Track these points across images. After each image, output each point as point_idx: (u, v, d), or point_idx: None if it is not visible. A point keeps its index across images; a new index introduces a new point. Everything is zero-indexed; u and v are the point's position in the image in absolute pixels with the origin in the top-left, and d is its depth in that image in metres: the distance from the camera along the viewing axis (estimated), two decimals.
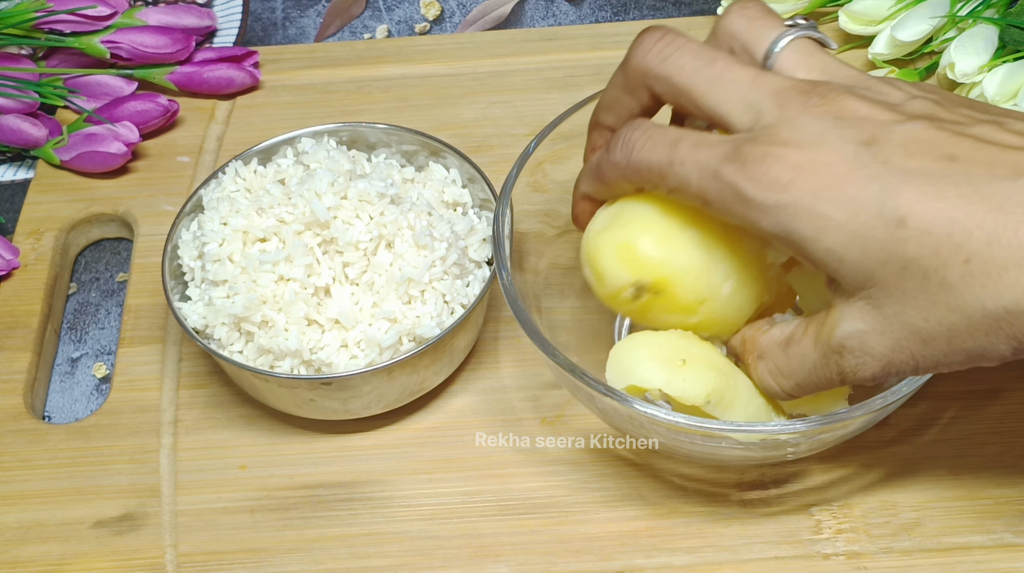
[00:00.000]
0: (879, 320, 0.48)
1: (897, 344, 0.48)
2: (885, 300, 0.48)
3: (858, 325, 0.49)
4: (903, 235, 0.46)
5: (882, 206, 0.46)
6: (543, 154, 0.64)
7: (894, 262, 0.46)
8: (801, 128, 0.49)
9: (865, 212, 0.47)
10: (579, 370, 0.56)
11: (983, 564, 0.59)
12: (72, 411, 0.69)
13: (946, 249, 0.45)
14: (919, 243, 0.46)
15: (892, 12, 0.78)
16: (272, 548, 0.61)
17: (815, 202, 0.47)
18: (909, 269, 0.46)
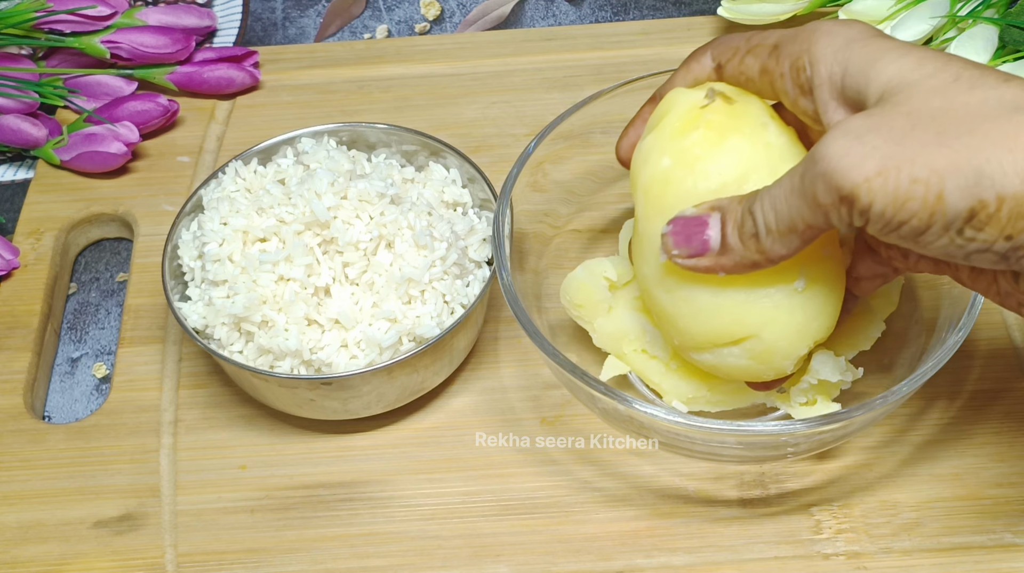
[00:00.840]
0: (876, 110, 0.47)
1: (882, 123, 0.46)
2: (898, 95, 0.47)
3: (855, 115, 0.47)
4: (948, 57, 0.47)
5: (930, 49, 0.48)
6: (543, 154, 0.64)
7: (931, 64, 0.47)
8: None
9: (915, 47, 0.48)
10: (579, 370, 0.56)
11: (983, 564, 0.59)
12: (72, 411, 0.69)
13: (989, 71, 0.46)
14: (962, 63, 0.47)
15: (892, 12, 0.78)
16: (272, 548, 0.61)
17: (873, 36, 0.50)
18: (943, 71, 0.47)
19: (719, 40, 0.56)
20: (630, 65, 0.81)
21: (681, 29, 0.83)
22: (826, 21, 0.52)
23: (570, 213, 0.67)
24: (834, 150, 0.46)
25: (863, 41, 0.49)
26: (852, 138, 0.46)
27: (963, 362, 0.65)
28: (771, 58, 0.53)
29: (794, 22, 0.82)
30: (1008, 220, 0.44)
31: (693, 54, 0.57)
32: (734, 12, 0.80)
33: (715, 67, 0.56)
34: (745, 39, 0.55)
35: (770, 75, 0.53)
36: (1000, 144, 0.44)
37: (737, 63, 0.54)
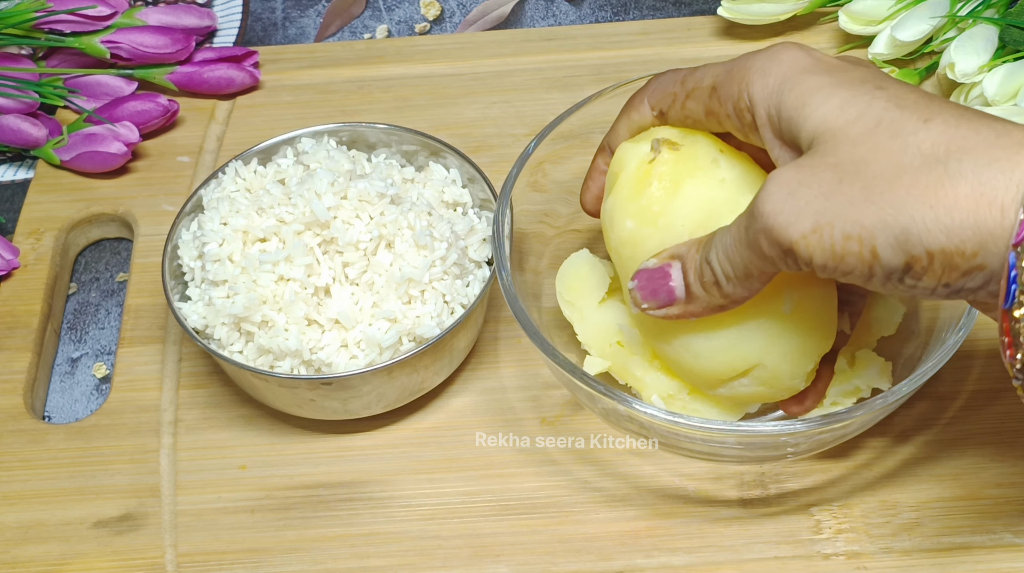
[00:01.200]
0: (808, 158, 0.48)
1: (812, 177, 0.47)
2: (825, 146, 0.48)
3: (787, 168, 0.48)
4: (878, 95, 0.48)
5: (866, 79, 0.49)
6: (543, 154, 0.64)
7: (854, 109, 0.48)
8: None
9: (848, 80, 0.49)
10: (579, 370, 0.56)
11: (983, 564, 0.59)
12: (72, 411, 0.69)
13: (913, 108, 0.47)
14: (888, 101, 0.48)
15: (892, 12, 0.78)
16: (272, 548, 0.61)
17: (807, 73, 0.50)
18: (865, 115, 0.47)
19: (652, 86, 0.57)
20: (630, 65, 0.81)
21: (681, 29, 0.83)
22: (759, 55, 0.52)
23: (570, 213, 0.67)
24: (770, 207, 0.48)
25: (792, 81, 0.50)
26: (785, 193, 0.47)
27: (963, 362, 0.65)
28: (712, 100, 0.54)
29: (794, 22, 0.82)
30: (942, 271, 0.46)
31: (631, 102, 0.58)
32: (734, 12, 0.80)
33: (657, 114, 0.57)
34: (679, 82, 0.56)
35: (716, 116, 0.54)
36: (921, 200, 0.45)
37: (679, 109, 0.56)
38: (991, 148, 0.45)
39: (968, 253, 0.45)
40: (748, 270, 0.50)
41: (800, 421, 0.54)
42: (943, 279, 0.46)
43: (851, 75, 0.50)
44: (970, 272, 0.45)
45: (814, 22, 0.83)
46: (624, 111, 0.59)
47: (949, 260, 0.45)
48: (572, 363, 0.56)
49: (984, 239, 0.45)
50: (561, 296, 0.62)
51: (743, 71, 0.52)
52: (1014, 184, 0.44)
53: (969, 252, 0.45)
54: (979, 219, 0.44)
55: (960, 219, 0.45)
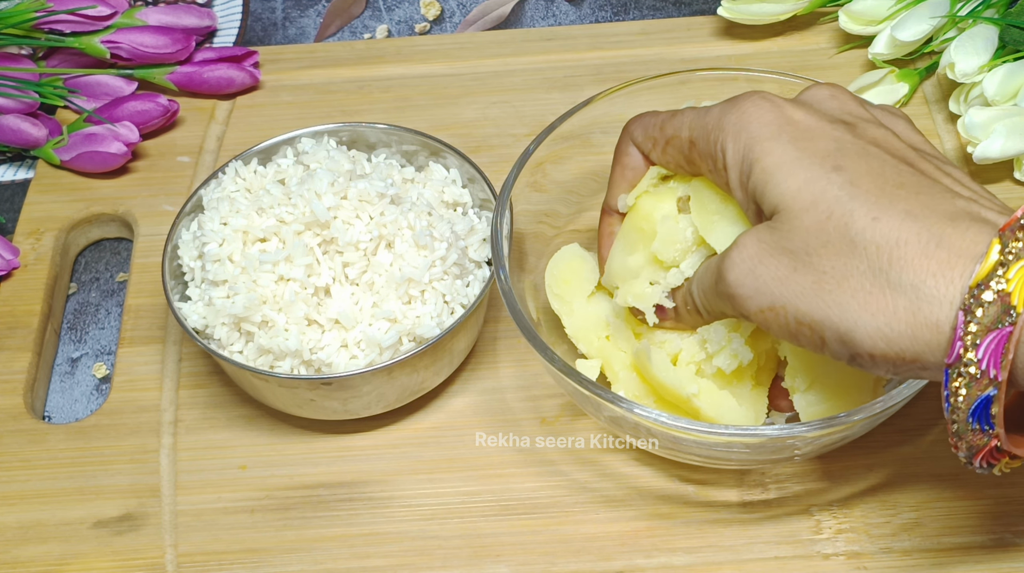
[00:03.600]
0: (770, 233, 0.50)
1: (768, 258, 0.50)
2: (785, 224, 0.50)
3: (750, 234, 0.51)
4: (833, 178, 0.49)
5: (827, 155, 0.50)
6: (543, 154, 0.64)
7: (808, 194, 0.49)
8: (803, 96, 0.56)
9: (811, 154, 0.50)
10: (575, 373, 0.56)
11: (983, 564, 0.59)
12: (72, 411, 0.69)
13: (863, 201, 0.48)
14: (842, 188, 0.49)
15: (892, 12, 0.78)
16: (272, 548, 0.61)
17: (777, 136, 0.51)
18: (818, 205, 0.49)
19: (633, 129, 0.58)
20: (630, 65, 0.81)
21: (681, 29, 0.83)
22: (730, 113, 0.53)
23: (570, 213, 0.67)
24: (732, 278, 0.51)
25: (759, 150, 0.51)
26: (747, 269, 0.51)
27: None
28: (692, 153, 0.55)
29: (794, 22, 0.82)
30: (888, 366, 0.48)
31: (618, 155, 0.59)
32: (734, 12, 0.80)
33: (644, 155, 0.59)
34: (659, 127, 0.57)
35: (697, 167, 0.56)
36: (864, 307, 0.47)
37: (660, 154, 0.57)
38: (928, 261, 0.46)
39: (908, 358, 0.47)
40: (720, 313, 0.55)
41: (803, 425, 0.54)
42: (890, 372, 0.48)
43: (815, 146, 0.51)
44: (914, 370, 0.48)
45: (814, 22, 0.83)
46: (616, 165, 0.60)
47: (891, 361, 0.48)
48: (569, 366, 0.56)
49: (921, 350, 0.47)
50: (550, 289, 0.62)
51: (717, 131, 0.53)
52: (947, 302, 0.46)
53: (909, 358, 0.47)
54: (916, 333, 0.46)
55: (899, 330, 0.46)
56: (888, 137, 0.52)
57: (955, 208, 0.48)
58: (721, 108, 0.53)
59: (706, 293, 0.55)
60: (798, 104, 0.53)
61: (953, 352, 0.45)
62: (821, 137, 0.51)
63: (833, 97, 0.54)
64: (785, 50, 0.81)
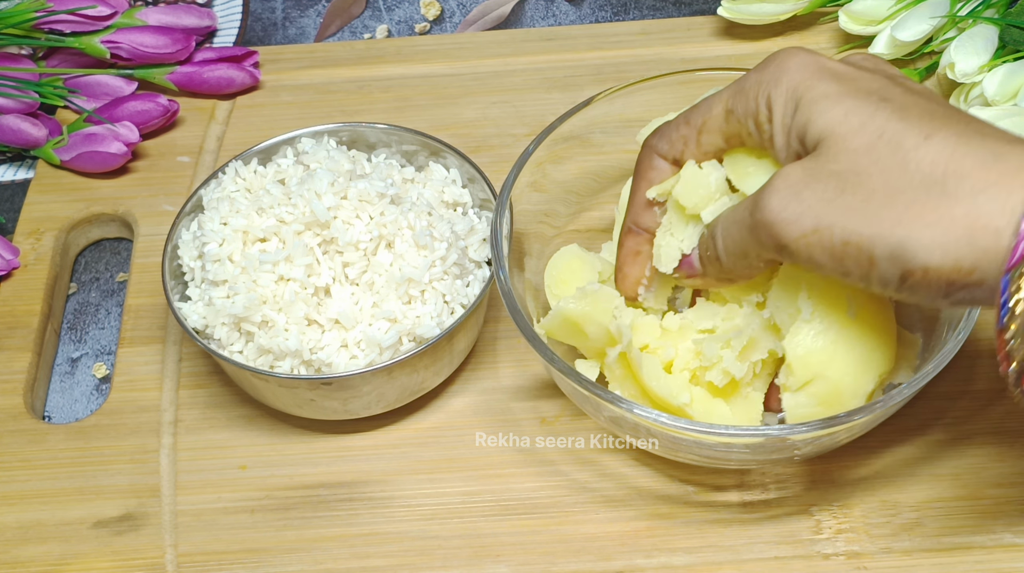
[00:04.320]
0: (812, 160, 0.49)
1: (815, 182, 0.49)
2: (831, 150, 0.49)
3: (791, 166, 0.50)
4: (884, 106, 0.49)
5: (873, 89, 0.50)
6: (543, 154, 0.64)
7: (856, 118, 0.49)
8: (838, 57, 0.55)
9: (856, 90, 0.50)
10: (576, 373, 0.56)
11: (983, 564, 0.59)
12: (72, 411, 0.69)
13: (916, 121, 0.48)
14: (892, 113, 0.48)
15: (892, 12, 0.78)
16: (272, 548, 0.61)
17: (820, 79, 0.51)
18: (867, 126, 0.48)
19: (655, 143, 0.57)
20: (630, 65, 0.81)
21: (681, 29, 0.83)
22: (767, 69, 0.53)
23: (570, 213, 0.67)
24: (775, 203, 0.50)
25: (804, 86, 0.51)
26: (790, 193, 0.49)
27: (963, 362, 0.65)
28: (730, 124, 0.55)
29: (794, 22, 0.82)
30: (938, 285, 0.47)
31: (640, 169, 0.58)
32: (734, 12, 0.80)
33: (671, 163, 0.57)
34: (684, 124, 0.56)
35: (737, 137, 0.55)
36: (919, 218, 0.46)
37: (695, 148, 0.56)
38: (988, 172, 0.46)
39: (965, 269, 0.46)
40: (744, 251, 0.53)
41: (803, 425, 0.54)
42: (941, 291, 0.47)
43: (858, 85, 0.50)
44: (968, 286, 0.46)
45: (814, 22, 0.83)
46: (638, 178, 0.59)
47: (946, 275, 0.46)
48: (569, 366, 0.56)
49: (980, 258, 0.46)
50: (549, 290, 0.62)
51: (757, 85, 0.53)
52: (1008, 210, 0.45)
53: (966, 268, 0.46)
54: (975, 239, 0.45)
55: (956, 237, 0.46)
56: (929, 90, 0.52)
57: (1008, 136, 0.47)
58: (756, 69, 0.53)
59: (734, 229, 0.53)
60: (835, 61, 0.53)
61: (1016, 254, 0.44)
62: (863, 79, 0.51)
63: (867, 59, 0.54)
64: None
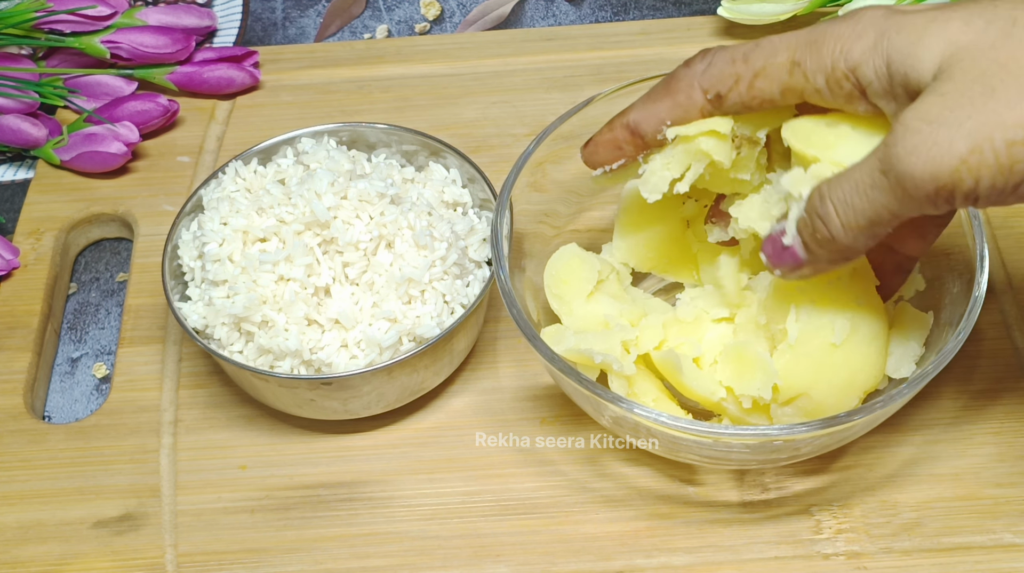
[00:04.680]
0: (943, 84, 0.45)
1: (960, 103, 0.44)
2: (962, 73, 0.45)
3: (920, 100, 0.46)
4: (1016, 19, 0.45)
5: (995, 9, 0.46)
6: (543, 154, 0.64)
7: (994, 28, 0.45)
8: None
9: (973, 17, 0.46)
10: (576, 373, 0.56)
11: (983, 564, 0.59)
12: (72, 411, 0.69)
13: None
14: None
15: None
16: (272, 548, 0.61)
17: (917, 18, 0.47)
18: (1016, 30, 0.45)
19: (704, 65, 0.53)
20: (630, 65, 0.81)
21: (681, 29, 0.83)
22: (842, 24, 0.49)
23: (570, 213, 0.67)
24: (914, 143, 0.45)
25: (896, 27, 0.47)
26: (929, 126, 0.45)
27: (963, 362, 0.65)
28: (794, 77, 0.50)
29: (794, 22, 0.82)
30: None
31: (673, 83, 0.54)
32: (734, 12, 0.80)
33: (711, 98, 0.53)
34: (741, 61, 0.52)
35: (799, 93, 0.51)
36: None
37: (745, 90, 0.52)
38: None
39: None
40: (878, 217, 0.48)
41: (803, 425, 0.54)
42: None
43: (946, 6, 0.47)
44: None
45: (814, 22, 0.82)
46: (666, 91, 0.54)
47: None
48: (569, 366, 0.56)
49: None
50: (550, 289, 0.62)
51: (832, 39, 0.49)
52: None
53: None
54: None
55: None
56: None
57: None
58: (821, 26, 0.49)
59: (858, 198, 0.47)
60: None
61: None
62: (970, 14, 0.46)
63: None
64: None
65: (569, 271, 0.62)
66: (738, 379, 0.57)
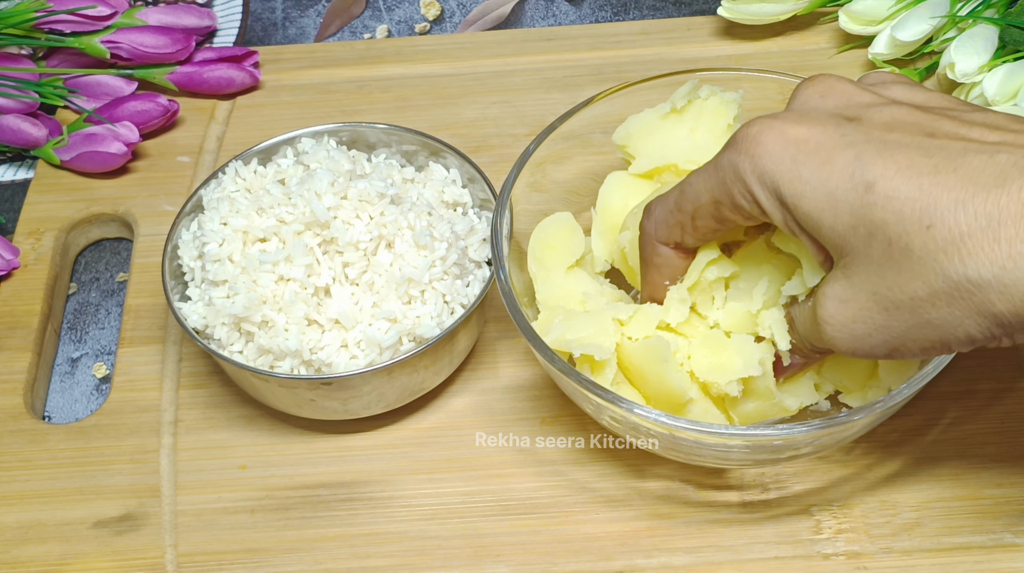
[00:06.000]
0: (846, 288, 0.49)
1: (860, 313, 0.49)
2: (854, 268, 0.48)
3: (829, 293, 0.50)
4: (871, 200, 0.47)
5: (853, 171, 0.47)
6: (543, 154, 0.64)
7: (863, 227, 0.47)
8: (795, 103, 0.52)
9: (838, 177, 0.48)
10: (576, 373, 0.56)
11: (983, 564, 0.59)
12: (72, 411, 0.69)
13: (910, 214, 0.46)
14: (885, 208, 0.46)
15: (892, 12, 0.78)
16: (272, 548, 0.61)
17: (795, 166, 0.49)
18: (875, 235, 0.47)
19: (653, 227, 0.56)
20: (630, 65, 0.81)
21: (681, 29, 0.83)
22: (740, 153, 0.50)
23: (570, 213, 0.67)
24: (840, 337, 0.50)
25: (791, 190, 0.49)
26: (847, 329, 0.49)
27: (963, 362, 0.65)
28: (722, 212, 0.52)
29: (794, 22, 0.82)
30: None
31: (645, 256, 0.57)
32: (734, 12, 0.80)
33: (675, 247, 0.56)
34: (678, 211, 0.54)
35: (732, 222, 0.53)
36: (966, 316, 0.46)
37: (693, 232, 0.55)
38: (997, 244, 0.45)
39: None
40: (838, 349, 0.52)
41: (803, 425, 0.54)
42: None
43: (834, 166, 0.48)
44: None
45: (814, 22, 0.83)
46: (645, 265, 0.57)
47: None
48: (569, 366, 0.56)
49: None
50: (533, 252, 0.62)
51: (737, 182, 0.51)
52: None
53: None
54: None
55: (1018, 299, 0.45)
56: (896, 113, 0.50)
57: (997, 168, 0.46)
58: (727, 157, 0.51)
59: (819, 339, 0.52)
60: (794, 116, 0.50)
61: None
62: (833, 148, 0.48)
63: (823, 95, 0.52)
64: (785, 50, 0.81)
65: (559, 239, 0.62)
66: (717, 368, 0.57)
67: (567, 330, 0.57)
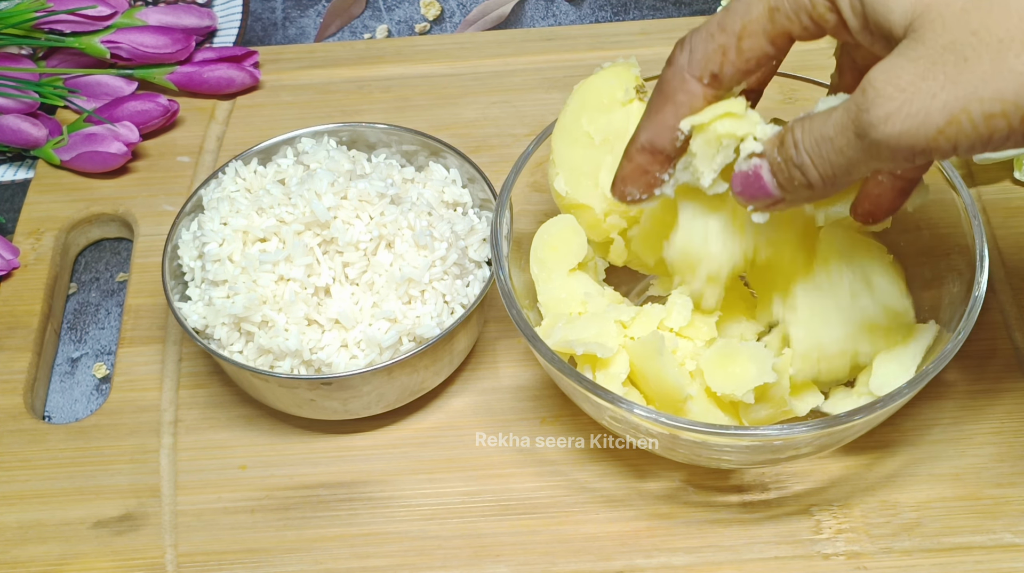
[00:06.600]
0: (911, 49, 0.45)
1: (929, 69, 0.44)
2: (926, 28, 0.44)
3: (885, 66, 0.45)
4: None
5: None
6: (543, 154, 0.64)
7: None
8: None
9: None
10: (576, 373, 0.56)
11: (983, 564, 0.59)
12: (72, 411, 0.69)
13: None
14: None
15: None
16: (272, 548, 0.61)
17: None
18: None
19: (686, 55, 0.52)
20: None
21: (681, 29, 0.83)
22: None
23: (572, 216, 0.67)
24: (887, 111, 0.44)
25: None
26: (902, 94, 0.44)
27: (963, 362, 0.65)
28: (776, 23, 0.49)
29: None
30: None
31: (666, 87, 0.53)
32: None
33: (708, 82, 0.52)
34: (719, 32, 0.50)
35: (787, 35, 0.50)
36: None
37: (735, 58, 0.51)
38: None
39: None
40: (855, 170, 0.48)
41: (803, 425, 0.54)
42: None
43: None
44: None
45: None
46: (662, 97, 0.53)
47: None
48: (568, 365, 0.56)
49: None
50: (535, 252, 0.61)
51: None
52: None
53: None
54: None
55: None
56: None
57: None
58: None
59: (833, 153, 0.47)
60: None
61: None
62: None
63: None
64: None
65: (561, 240, 0.61)
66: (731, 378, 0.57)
67: (570, 330, 0.57)
